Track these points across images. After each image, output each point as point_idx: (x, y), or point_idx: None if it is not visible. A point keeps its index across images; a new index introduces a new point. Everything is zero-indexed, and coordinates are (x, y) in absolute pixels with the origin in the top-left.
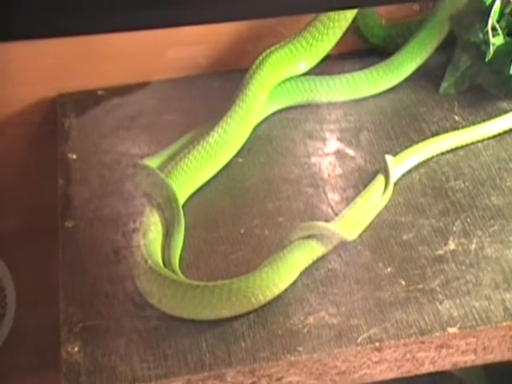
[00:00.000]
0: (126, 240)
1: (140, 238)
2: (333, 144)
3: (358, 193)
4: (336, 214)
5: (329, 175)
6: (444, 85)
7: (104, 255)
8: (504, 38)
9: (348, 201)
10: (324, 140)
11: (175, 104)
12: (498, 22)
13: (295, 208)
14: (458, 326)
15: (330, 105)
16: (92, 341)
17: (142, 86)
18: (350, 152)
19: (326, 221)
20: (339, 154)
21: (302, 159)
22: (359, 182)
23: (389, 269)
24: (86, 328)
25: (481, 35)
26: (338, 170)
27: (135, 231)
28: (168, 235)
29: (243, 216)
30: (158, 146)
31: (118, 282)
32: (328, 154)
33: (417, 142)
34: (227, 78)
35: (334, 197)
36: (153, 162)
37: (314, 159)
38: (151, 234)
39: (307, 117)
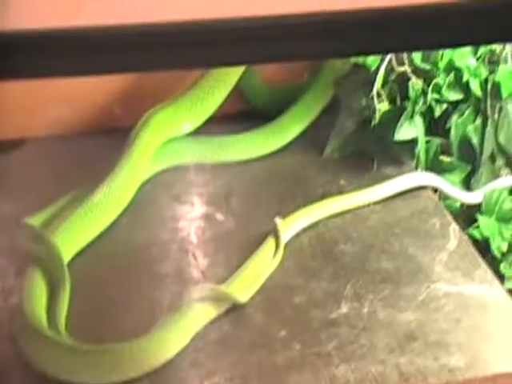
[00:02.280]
0: (5, 300)
1: (23, 297)
2: (210, 209)
3: (232, 257)
4: (208, 278)
5: (206, 239)
6: (328, 149)
7: None
8: (388, 104)
9: (224, 264)
10: (201, 204)
11: (52, 164)
12: (382, 88)
13: (182, 271)
14: None
15: (219, 166)
16: None
17: (17, 142)
18: (227, 217)
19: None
20: (211, 219)
21: (183, 223)
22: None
23: (283, 332)
24: None
25: (365, 101)
26: (219, 235)
27: (17, 290)
28: (53, 296)
29: (132, 277)
30: (35, 207)
31: None
32: (204, 218)
33: (303, 205)
34: (110, 136)
35: (214, 260)
36: (37, 220)
37: (195, 223)
38: (34, 294)
39: (192, 178)
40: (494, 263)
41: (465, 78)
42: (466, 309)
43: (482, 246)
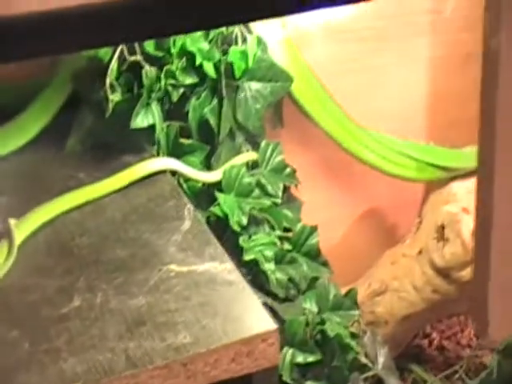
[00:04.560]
0: None
1: None
2: None
3: None
4: None
5: None
6: (69, 143)
7: None
8: (123, 94)
9: None
10: None
11: None
12: (117, 79)
13: None
14: (82, 381)
15: None
16: None
17: None
18: None
19: None
20: None
21: None
22: None
23: (13, 332)
24: None
25: (102, 93)
26: None
27: None
28: None
29: None
30: None
31: None
32: None
33: (43, 203)
34: None
35: None
36: None
37: None
38: None
39: None
40: (234, 238)
41: (198, 62)
42: (195, 287)
43: (224, 222)
